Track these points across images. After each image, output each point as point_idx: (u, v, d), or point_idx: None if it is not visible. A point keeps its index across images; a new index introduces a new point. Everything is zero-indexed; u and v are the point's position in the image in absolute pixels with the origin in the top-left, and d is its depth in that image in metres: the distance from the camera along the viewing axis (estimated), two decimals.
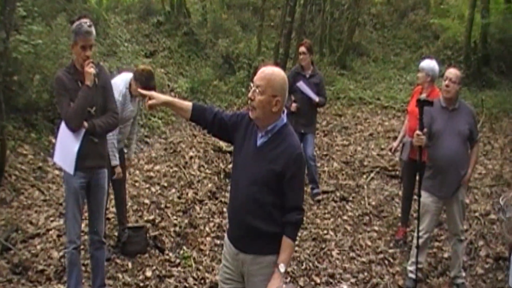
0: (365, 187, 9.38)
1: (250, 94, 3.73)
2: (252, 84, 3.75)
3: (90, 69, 5.12)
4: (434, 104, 6.06)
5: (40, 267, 6.16)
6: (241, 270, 3.98)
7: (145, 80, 6.24)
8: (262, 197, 3.78)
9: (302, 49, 8.81)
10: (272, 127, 3.79)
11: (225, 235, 4.13)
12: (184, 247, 7.07)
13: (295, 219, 3.83)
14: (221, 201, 8.48)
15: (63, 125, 5.23)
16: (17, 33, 9.12)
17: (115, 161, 6.35)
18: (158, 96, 3.88)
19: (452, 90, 6.08)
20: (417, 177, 6.59)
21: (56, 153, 5.38)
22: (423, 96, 6.31)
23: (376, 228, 8.02)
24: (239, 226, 3.91)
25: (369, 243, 7.55)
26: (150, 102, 3.83)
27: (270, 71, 3.74)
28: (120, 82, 6.35)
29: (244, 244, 3.91)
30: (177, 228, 7.47)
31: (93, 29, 5.17)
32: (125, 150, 6.87)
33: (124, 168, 6.76)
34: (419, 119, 6.00)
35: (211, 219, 7.92)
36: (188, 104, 3.96)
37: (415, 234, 6.37)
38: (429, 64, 7.14)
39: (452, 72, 6.14)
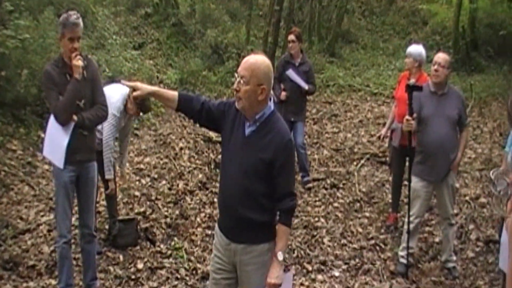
0: (356, 174, 9.38)
1: (235, 85, 3.69)
2: (236, 75, 3.70)
3: (78, 62, 5.09)
4: (423, 89, 6.07)
5: (31, 263, 6.15)
6: (233, 260, 3.96)
7: (140, 100, 6.25)
8: (253, 187, 3.76)
9: (291, 37, 8.80)
10: (260, 115, 3.75)
11: (216, 225, 4.10)
12: (175, 238, 7.07)
13: (289, 206, 3.83)
14: (211, 191, 8.47)
15: (52, 119, 5.21)
16: (4, 28, 9.05)
17: (109, 175, 6.39)
18: (143, 87, 3.79)
19: (441, 75, 6.07)
20: (407, 163, 6.61)
21: (45, 147, 5.37)
22: (412, 81, 6.34)
23: (367, 214, 8.03)
24: (230, 216, 3.89)
25: (360, 230, 7.57)
26: (135, 93, 3.75)
27: (254, 60, 3.68)
28: (118, 97, 6.29)
29: (236, 234, 3.90)
30: (168, 220, 7.46)
31: (80, 21, 5.15)
32: (117, 166, 6.90)
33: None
34: (409, 104, 6.01)
35: (202, 210, 7.92)
36: (174, 94, 3.88)
37: (406, 220, 6.39)
38: (417, 49, 7.13)
39: (441, 57, 6.14)
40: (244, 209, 3.79)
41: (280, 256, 3.78)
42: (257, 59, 3.70)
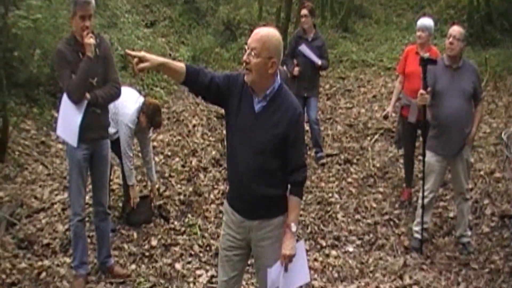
0: (369, 149, 9.34)
1: (245, 57, 3.63)
2: (246, 47, 3.64)
3: (90, 40, 5.07)
4: (438, 62, 6.01)
5: (46, 241, 6.20)
6: (247, 237, 3.97)
7: (151, 113, 6.38)
8: (267, 164, 3.75)
9: (304, 11, 8.73)
10: (270, 90, 3.72)
11: (225, 203, 4.08)
12: (189, 215, 7.09)
13: (301, 178, 3.87)
14: (225, 168, 8.45)
15: (65, 98, 5.20)
16: (16, 8, 9.04)
17: (131, 181, 6.51)
18: (152, 58, 3.55)
19: (456, 48, 6.00)
20: (421, 138, 6.56)
21: (58, 126, 5.37)
22: (427, 54, 6.25)
23: (381, 189, 8.00)
24: (244, 194, 3.86)
25: (374, 205, 7.55)
26: (142, 65, 3.53)
27: (265, 32, 3.63)
28: (133, 110, 6.33)
29: (250, 211, 3.89)
30: (182, 197, 7.48)
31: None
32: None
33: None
34: (423, 78, 5.96)
35: (215, 186, 7.92)
36: (181, 66, 3.70)
37: (420, 194, 6.36)
38: (430, 22, 7.06)
39: (456, 29, 6.06)
40: (259, 186, 3.78)
41: (293, 228, 3.79)
42: (269, 32, 3.65)
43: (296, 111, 3.76)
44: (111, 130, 5.98)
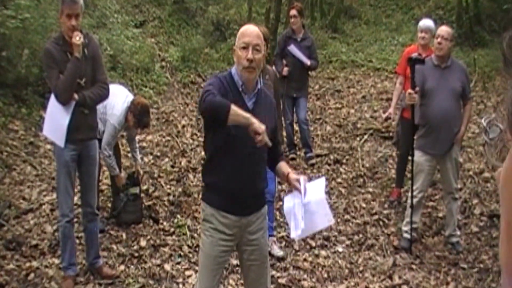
0: (359, 149, 9.35)
1: (250, 56, 3.68)
2: (244, 45, 3.72)
3: (77, 40, 5.04)
4: (427, 62, 6.04)
5: (34, 242, 6.16)
6: (240, 235, 3.99)
7: (138, 113, 6.33)
8: (264, 157, 3.92)
9: (293, 12, 8.74)
10: (258, 85, 3.90)
11: (208, 209, 3.96)
12: (178, 216, 7.06)
13: (283, 151, 4.37)
14: None
15: (52, 98, 5.18)
16: (5, 8, 8.99)
17: (114, 172, 6.53)
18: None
19: (445, 47, 6.05)
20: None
21: (45, 126, 5.35)
22: (415, 54, 6.28)
23: (370, 189, 8.02)
24: (246, 193, 3.88)
25: (364, 205, 7.56)
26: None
27: (257, 29, 3.80)
28: (121, 110, 6.29)
29: (248, 207, 3.95)
30: (171, 197, 7.46)
31: None
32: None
33: (117, 141, 6.79)
34: (411, 77, 6.00)
35: None
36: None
37: (409, 194, 6.37)
38: (432, 23, 7.08)
39: (444, 30, 6.12)
40: (260, 180, 3.94)
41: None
42: (258, 28, 3.83)
43: (272, 98, 4.10)
44: (100, 127, 5.97)
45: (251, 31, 3.76)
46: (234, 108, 3.55)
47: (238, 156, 3.81)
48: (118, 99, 6.27)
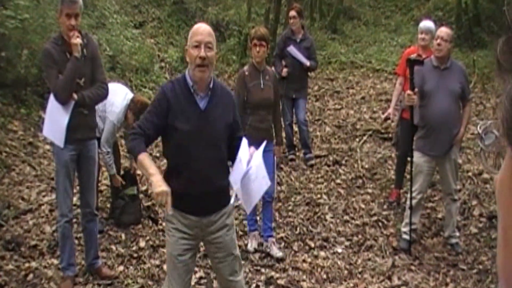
0: (358, 150, 9.35)
1: (203, 53, 3.74)
2: (197, 43, 3.77)
3: (76, 40, 5.04)
4: (426, 63, 6.05)
5: (33, 243, 6.16)
6: (202, 234, 4.06)
7: (138, 111, 6.26)
8: (222, 153, 3.97)
9: (292, 13, 8.74)
10: (211, 83, 3.93)
11: (169, 212, 3.88)
12: None
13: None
14: None
15: (52, 98, 5.18)
16: (4, 8, 9.00)
17: (112, 171, 6.51)
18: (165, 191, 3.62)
19: (444, 49, 6.05)
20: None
21: (45, 126, 5.35)
22: (413, 55, 6.29)
23: (369, 190, 8.01)
24: (204, 192, 3.90)
25: (363, 206, 7.55)
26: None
27: (208, 27, 3.88)
28: (121, 107, 6.30)
29: (208, 207, 3.99)
30: None
31: None
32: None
33: (116, 142, 6.78)
34: (410, 78, 6.01)
35: None
36: (147, 158, 3.79)
37: (409, 195, 6.37)
38: (433, 25, 7.06)
39: (443, 31, 6.11)
40: (218, 178, 3.94)
41: None
42: (206, 25, 3.92)
43: (230, 94, 4.17)
44: (100, 125, 5.98)
45: (202, 29, 3.82)
46: (140, 159, 3.68)
47: (193, 160, 3.85)
48: (118, 97, 6.27)
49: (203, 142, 3.80)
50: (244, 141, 3.98)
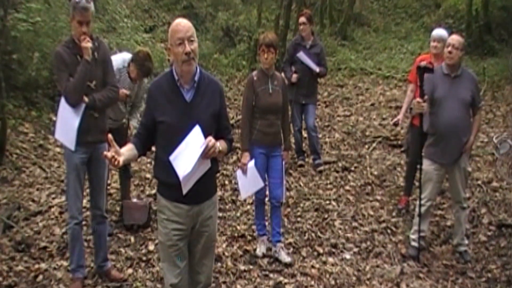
0: (367, 157, 9.35)
1: (187, 49, 3.81)
2: (180, 41, 3.82)
3: (87, 44, 5.08)
4: (437, 71, 6.06)
5: (43, 244, 6.19)
6: (192, 223, 4.13)
7: (139, 60, 6.33)
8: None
9: (302, 19, 8.75)
10: (196, 75, 3.98)
11: (161, 201, 4.14)
12: None
13: (231, 137, 4.29)
14: (223, 174, 8.47)
15: (63, 101, 5.20)
16: (16, 11, 9.07)
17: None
18: (122, 159, 3.79)
19: (455, 57, 6.03)
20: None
21: (56, 129, 5.36)
22: (424, 63, 6.27)
23: (378, 197, 8.00)
24: (195, 184, 3.97)
25: (372, 213, 7.54)
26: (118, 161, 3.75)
27: (186, 21, 3.90)
28: (120, 59, 6.34)
29: (199, 195, 4.08)
30: None
31: (91, 5, 5.11)
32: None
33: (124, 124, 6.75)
34: (420, 86, 6.01)
35: None
36: (131, 149, 4.00)
37: (418, 203, 6.36)
38: (445, 33, 7.04)
39: (455, 39, 6.09)
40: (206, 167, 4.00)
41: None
42: (184, 21, 3.92)
43: (218, 84, 4.19)
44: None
45: (182, 26, 3.86)
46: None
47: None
48: (119, 55, 6.41)
49: (189, 130, 3.87)
50: (197, 129, 3.95)
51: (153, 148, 4.14)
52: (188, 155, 3.83)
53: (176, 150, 3.84)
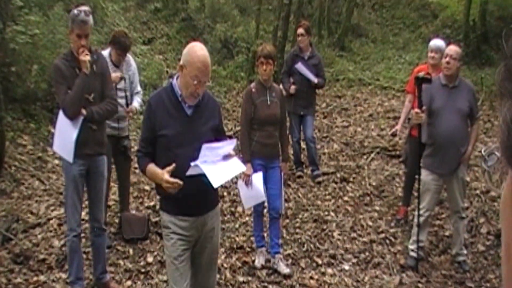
0: (366, 167, 9.36)
1: (199, 91, 3.98)
2: (195, 79, 3.91)
3: (86, 57, 5.10)
4: (434, 81, 6.07)
5: (41, 256, 6.19)
6: (198, 235, 4.22)
7: (116, 38, 6.41)
8: None
9: (300, 30, 8.78)
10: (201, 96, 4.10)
11: (164, 217, 4.22)
12: None
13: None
14: (221, 185, 8.44)
15: (61, 113, 5.22)
16: (14, 23, 9.09)
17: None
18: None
19: (453, 67, 6.05)
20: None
21: (54, 141, 5.38)
22: (422, 73, 6.29)
23: (377, 208, 8.01)
24: (197, 192, 4.01)
25: (370, 223, 7.55)
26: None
27: (209, 58, 4.01)
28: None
29: (202, 206, 4.16)
30: None
31: (90, 18, 5.14)
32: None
33: (129, 157, 6.76)
34: (418, 96, 6.02)
35: None
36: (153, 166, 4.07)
37: (416, 213, 6.37)
38: (443, 44, 7.06)
39: (453, 49, 6.11)
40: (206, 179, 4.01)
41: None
42: (208, 57, 4.01)
43: (216, 102, 4.41)
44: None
45: (205, 67, 3.94)
46: (147, 169, 4.05)
47: (180, 163, 3.90)
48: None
49: (190, 144, 3.93)
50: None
51: None
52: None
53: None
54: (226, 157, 4.08)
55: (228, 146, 4.12)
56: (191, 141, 3.95)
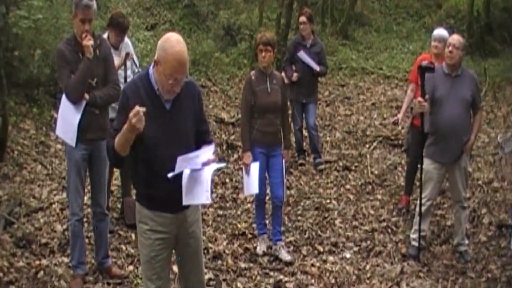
0: (368, 156, 9.36)
1: (175, 88, 3.69)
2: (171, 78, 3.63)
3: (88, 42, 5.09)
4: (437, 70, 6.06)
5: (44, 240, 6.19)
6: (177, 231, 4.01)
7: (113, 19, 6.37)
8: (190, 147, 3.85)
9: (302, 18, 8.77)
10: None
11: (142, 212, 3.99)
12: None
13: (211, 139, 4.23)
14: (223, 172, 8.48)
15: (64, 98, 5.22)
16: (17, 8, 9.05)
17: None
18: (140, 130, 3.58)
19: (456, 56, 6.03)
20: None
21: (57, 126, 5.39)
22: (424, 62, 6.26)
23: (379, 196, 8.02)
24: (177, 192, 3.79)
25: (372, 212, 7.56)
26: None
27: (185, 57, 3.67)
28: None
29: (181, 203, 3.87)
30: None
31: (93, 3, 5.13)
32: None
33: None
34: (421, 85, 6.00)
35: (213, 190, 7.91)
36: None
37: (418, 202, 6.36)
38: (446, 33, 7.04)
39: (455, 38, 6.10)
40: None
41: None
42: (184, 52, 3.68)
43: (195, 86, 4.06)
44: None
45: (182, 67, 3.65)
46: (115, 141, 3.65)
47: (160, 159, 3.77)
48: None
49: (171, 140, 3.76)
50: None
51: None
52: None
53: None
54: (206, 164, 3.83)
55: (207, 153, 3.87)
56: (173, 137, 3.78)
